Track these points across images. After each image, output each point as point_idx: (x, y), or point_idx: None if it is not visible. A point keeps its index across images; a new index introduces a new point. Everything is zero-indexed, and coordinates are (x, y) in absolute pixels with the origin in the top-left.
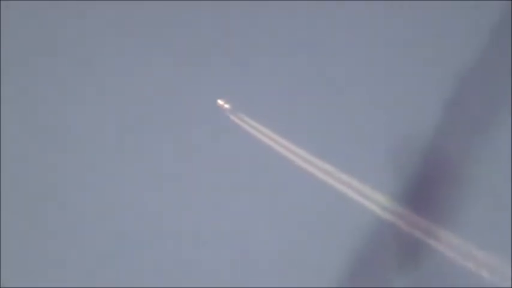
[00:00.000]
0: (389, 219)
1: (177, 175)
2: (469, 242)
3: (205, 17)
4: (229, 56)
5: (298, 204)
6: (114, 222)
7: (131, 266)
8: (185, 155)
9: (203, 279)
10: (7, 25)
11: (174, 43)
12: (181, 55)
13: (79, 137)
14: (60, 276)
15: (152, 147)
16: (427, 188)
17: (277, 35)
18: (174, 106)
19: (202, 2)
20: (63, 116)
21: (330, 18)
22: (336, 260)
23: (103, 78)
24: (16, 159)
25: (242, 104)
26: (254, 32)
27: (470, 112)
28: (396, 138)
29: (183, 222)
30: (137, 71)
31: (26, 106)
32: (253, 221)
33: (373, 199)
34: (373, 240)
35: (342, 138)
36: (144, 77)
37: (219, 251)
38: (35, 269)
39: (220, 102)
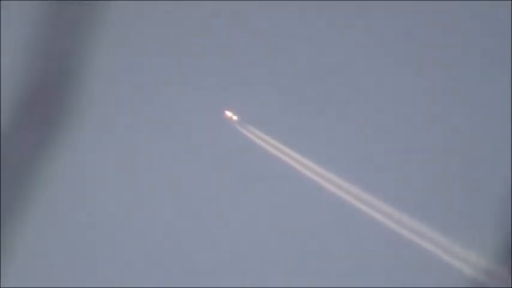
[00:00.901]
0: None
1: (182, 188)
2: None
3: (214, 21)
4: (237, 64)
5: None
6: (113, 224)
7: (130, 267)
8: (191, 166)
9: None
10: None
11: (178, 48)
12: (186, 61)
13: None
14: (60, 276)
15: (154, 159)
16: None
17: (291, 42)
18: (178, 116)
19: (212, 2)
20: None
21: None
22: None
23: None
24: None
25: (251, 115)
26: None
27: None
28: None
29: (189, 235)
30: (139, 76)
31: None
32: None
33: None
34: None
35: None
36: (146, 84)
37: (225, 262)
38: (35, 269)
39: (228, 113)
